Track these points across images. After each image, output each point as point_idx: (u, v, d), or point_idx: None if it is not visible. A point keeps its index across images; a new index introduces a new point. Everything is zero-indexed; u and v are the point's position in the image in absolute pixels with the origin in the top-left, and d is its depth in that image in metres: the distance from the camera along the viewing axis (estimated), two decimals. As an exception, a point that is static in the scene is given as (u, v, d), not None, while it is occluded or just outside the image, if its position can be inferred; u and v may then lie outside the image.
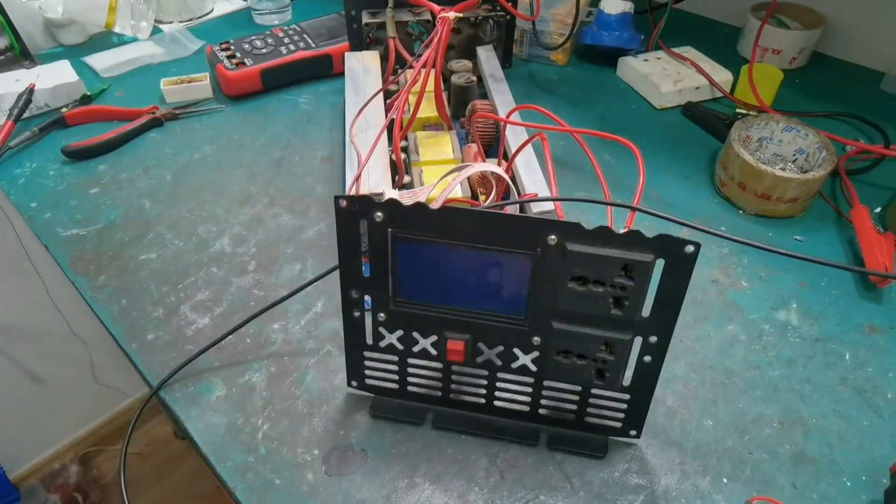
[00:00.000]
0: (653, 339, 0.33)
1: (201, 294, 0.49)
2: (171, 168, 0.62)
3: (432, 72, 0.51)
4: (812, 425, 0.40)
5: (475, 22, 0.70)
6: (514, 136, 0.55)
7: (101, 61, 0.79)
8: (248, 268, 0.51)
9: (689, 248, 0.29)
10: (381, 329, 0.36)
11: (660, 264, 0.30)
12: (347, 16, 0.68)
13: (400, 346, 0.37)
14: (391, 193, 0.45)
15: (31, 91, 0.68)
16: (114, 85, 0.76)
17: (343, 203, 0.32)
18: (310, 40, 0.73)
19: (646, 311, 0.32)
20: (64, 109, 0.68)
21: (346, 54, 0.66)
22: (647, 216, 0.37)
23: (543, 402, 0.38)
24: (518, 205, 0.49)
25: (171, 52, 0.82)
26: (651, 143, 0.65)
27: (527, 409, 0.39)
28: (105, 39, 0.85)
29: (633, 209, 0.37)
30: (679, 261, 0.30)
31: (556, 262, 0.31)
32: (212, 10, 0.93)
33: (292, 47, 0.72)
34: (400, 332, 0.36)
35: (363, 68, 0.63)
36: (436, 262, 0.33)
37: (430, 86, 0.55)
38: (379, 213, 0.32)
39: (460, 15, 0.52)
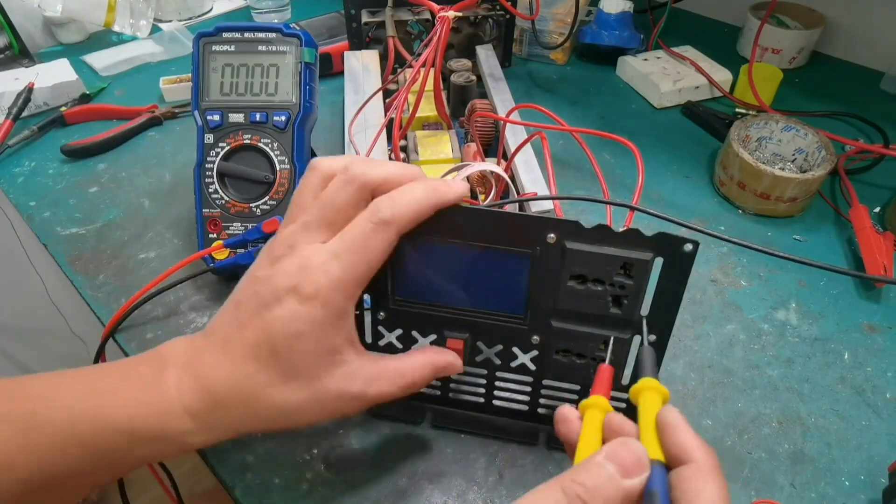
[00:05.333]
0: (651, 337, 0.33)
1: (201, 293, 0.48)
2: (171, 167, 0.62)
3: (431, 71, 0.51)
4: (811, 425, 0.40)
5: (475, 21, 0.70)
6: (514, 136, 0.55)
7: (100, 60, 0.79)
8: (248, 267, 0.51)
9: (688, 247, 0.29)
10: (381, 328, 0.36)
11: (659, 263, 0.30)
12: (347, 15, 0.68)
13: (399, 345, 0.37)
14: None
15: (30, 90, 0.68)
16: (113, 84, 0.76)
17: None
18: (309, 39, 0.73)
19: (645, 310, 0.32)
20: (63, 108, 0.68)
21: (346, 53, 0.66)
22: (647, 216, 0.37)
23: (542, 401, 0.38)
24: (517, 203, 0.49)
25: (171, 51, 0.82)
26: (650, 142, 0.65)
27: (526, 408, 0.39)
28: (104, 38, 0.85)
29: (632, 208, 0.37)
30: (678, 259, 0.30)
31: (555, 260, 0.31)
32: (211, 9, 0.93)
33: (292, 46, 0.72)
34: (399, 331, 0.36)
35: (362, 67, 0.63)
36: (435, 260, 0.33)
37: (430, 85, 0.55)
38: (378, 213, 0.32)
39: (460, 14, 0.52)
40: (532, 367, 0.36)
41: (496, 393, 0.38)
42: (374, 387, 0.31)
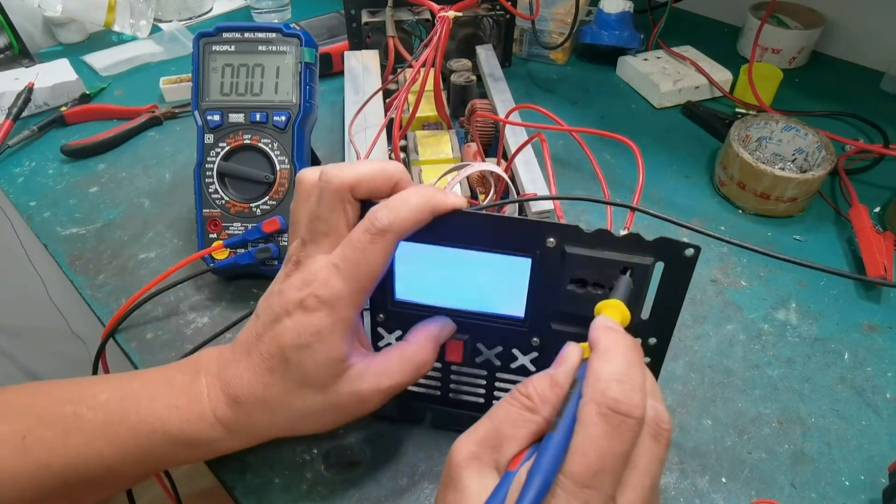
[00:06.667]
0: (652, 340, 0.33)
1: (201, 293, 0.48)
2: (171, 167, 0.62)
3: (431, 71, 0.51)
4: (811, 425, 0.40)
5: (475, 21, 0.70)
6: (514, 136, 0.55)
7: (100, 60, 0.79)
8: (248, 267, 0.51)
9: (689, 252, 0.29)
10: (380, 329, 0.36)
11: (659, 267, 0.30)
12: (347, 15, 0.68)
13: (399, 346, 0.37)
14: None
15: (30, 90, 0.68)
16: (113, 84, 0.76)
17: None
18: (309, 39, 0.73)
19: (645, 314, 0.32)
20: (63, 108, 0.68)
21: (346, 53, 0.66)
22: (647, 216, 0.37)
23: (542, 401, 0.38)
24: (517, 204, 0.49)
25: (171, 51, 0.82)
26: (651, 142, 0.65)
27: (526, 408, 0.39)
28: (104, 38, 0.85)
29: (633, 209, 0.37)
30: (679, 264, 0.30)
31: (556, 264, 0.31)
32: (211, 9, 0.93)
33: (292, 46, 0.72)
34: (399, 333, 0.36)
35: (362, 67, 0.63)
36: (434, 262, 0.33)
37: (430, 85, 0.55)
38: (378, 213, 0.32)
39: (460, 14, 0.52)
40: (532, 368, 0.36)
41: (496, 394, 0.38)
42: (386, 380, 0.32)
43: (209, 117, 0.47)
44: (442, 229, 0.31)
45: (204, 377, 0.32)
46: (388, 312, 0.35)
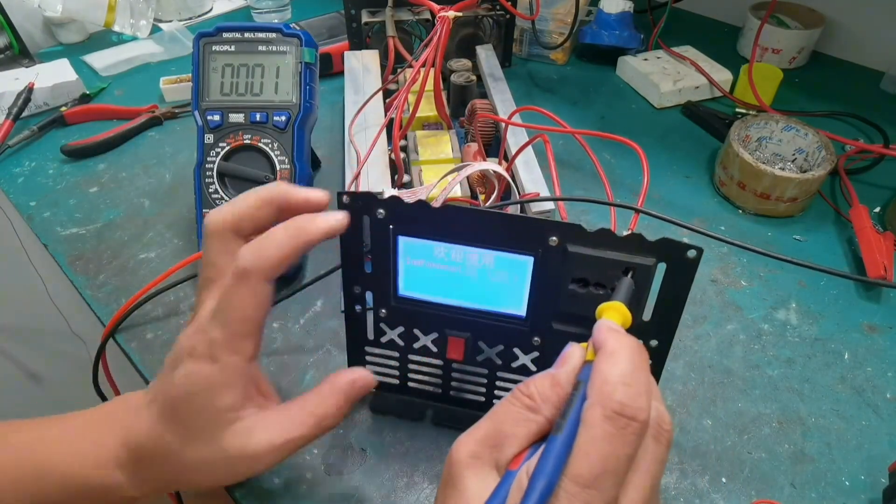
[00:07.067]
0: (653, 342, 0.33)
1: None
2: (171, 167, 0.62)
3: (431, 71, 0.51)
4: (811, 425, 0.40)
5: (475, 21, 0.70)
6: (514, 137, 0.55)
7: (100, 60, 0.79)
8: (248, 267, 0.51)
9: (692, 253, 0.29)
10: (383, 325, 0.36)
11: (661, 268, 0.30)
12: (347, 15, 0.68)
13: (401, 343, 0.37)
14: (391, 192, 0.45)
15: (30, 90, 0.68)
16: (113, 84, 0.76)
17: (346, 199, 0.32)
18: (309, 39, 0.73)
19: (647, 315, 0.32)
20: (63, 108, 0.68)
21: (346, 53, 0.66)
22: (647, 216, 0.37)
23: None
24: (519, 204, 0.49)
25: (171, 51, 0.82)
26: (651, 142, 0.65)
27: (526, 408, 0.38)
28: (104, 38, 0.85)
29: (637, 211, 0.37)
30: (681, 265, 0.30)
31: (557, 263, 0.31)
32: (211, 9, 0.93)
33: (292, 46, 0.72)
34: (401, 329, 0.36)
35: (362, 67, 0.63)
36: (437, 260, 0.33)
37: (430, 85, 0.55)
38: (381, 210, 0.32)
39: (460, 14, 0.52)
40: (533, 367, 0.36)
41: (497, 392, 0.38)
42: (279, 435, 0.30)
43: (209, 117, 0.47)
44: (445, 226, 0.31)
45: (111, 425, 0.32)
46: (390, 308, 0.35)
